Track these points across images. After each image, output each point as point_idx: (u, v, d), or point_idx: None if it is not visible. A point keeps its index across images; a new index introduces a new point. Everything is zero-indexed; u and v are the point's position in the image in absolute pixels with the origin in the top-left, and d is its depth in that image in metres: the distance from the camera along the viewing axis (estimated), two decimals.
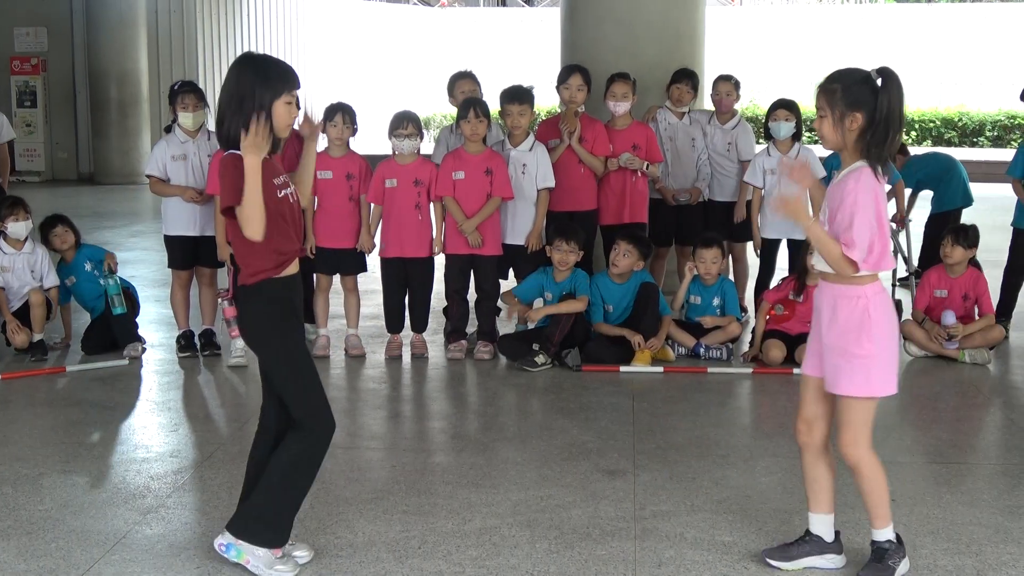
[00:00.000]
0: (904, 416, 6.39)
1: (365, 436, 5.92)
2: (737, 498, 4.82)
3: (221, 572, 4.08)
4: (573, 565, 4.14)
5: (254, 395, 6.52)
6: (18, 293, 7.37)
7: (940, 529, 4.50)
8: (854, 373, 3.84)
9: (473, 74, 7.81)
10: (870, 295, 3.84)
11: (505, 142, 7.43)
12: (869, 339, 3.81)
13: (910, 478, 5.15)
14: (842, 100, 3.78)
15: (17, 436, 5.76)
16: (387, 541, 4.35)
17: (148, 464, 5.31)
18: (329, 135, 7.21)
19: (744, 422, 6.32)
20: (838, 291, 3.88)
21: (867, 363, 3.82)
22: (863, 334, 3.81)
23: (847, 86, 3.79)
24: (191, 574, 4.07)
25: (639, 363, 6.98)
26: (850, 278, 3.82)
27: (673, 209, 8.22)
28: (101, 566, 4.13)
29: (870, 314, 3.82)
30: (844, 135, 3.81)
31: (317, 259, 7.32)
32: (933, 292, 7.41)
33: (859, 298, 3.83)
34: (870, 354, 3.81)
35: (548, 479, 5.06)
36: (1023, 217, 7.93)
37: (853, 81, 3.80)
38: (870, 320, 3.81)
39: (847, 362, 3.84)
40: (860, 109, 3.76)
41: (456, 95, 7.67)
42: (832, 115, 3.81)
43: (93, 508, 4.71)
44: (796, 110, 7.85)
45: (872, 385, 3.85)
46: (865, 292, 3.83)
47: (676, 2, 8.89)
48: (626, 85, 7.68)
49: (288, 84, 3.96)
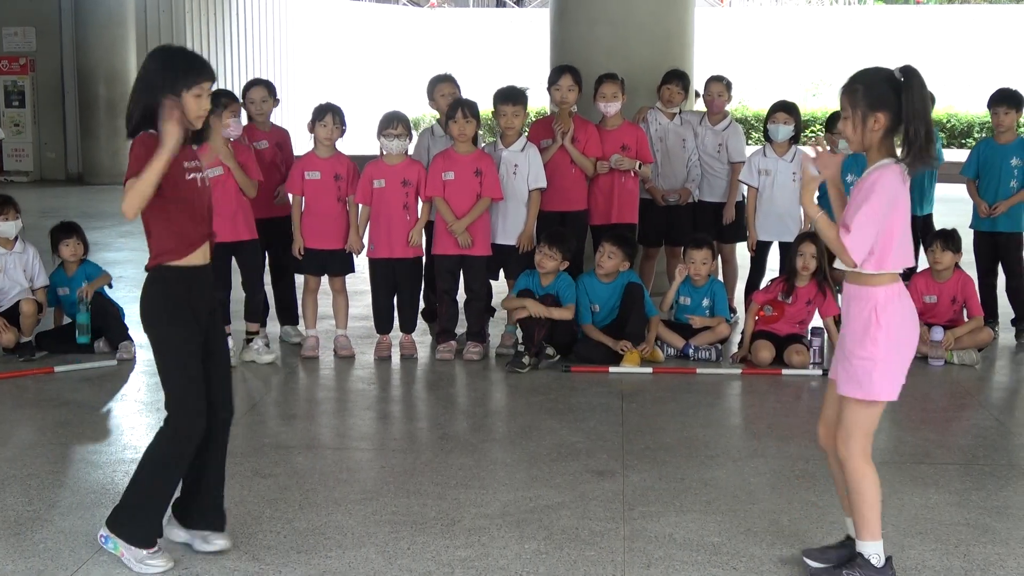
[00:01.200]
0: (892, 416, 6.40)
1: (354, 437, 5.92)
2: (726, 499, 4.83)
3: (210, 572, 4.07)
4: (562, 566, 4.14)
5: (242, 396, 6.52)
6: (8, 293, 7.35)
7: (928, 530, 4.52)
8: (855, 375, 3.82)
9: (452, 77, 7.78)
10: (880, 298, 3.78)
11: (497, 142, 7.44)
12: (873, 342, 3.77)
13: (898, 478, 5.16)
14: (864, 100, 3.73)
15: (5, 436, 5.74)
16: (376, 542, 4.35)
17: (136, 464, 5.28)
18: (318, 135, 7.21)
19: (733, 423, 6.33)
20: (851, 292, 3.86)
21: (868, 366, 3.79)
22: (867, 337, 3.78)
23: (869, 86, 3.74)
24: (177, 574, 4.07)
25: (628, 364, 6.99)
26: (863, 279, 3.78)
27: (663, 210, 8.23)
28: (89, 567, 4.12)
29: (877, 317, 3.77)
30: (867, 135, 3.75)
31: (305, 260, 7.31)
32: (923, 298, 7.43)
33: (868, 300, 3.79)
34: (872, 357, 3.78)
35: (537, 480, 5.06)
36: (978, 218, 8.04)
37: (875, 81, 3.75)
38: (876, 324, 3.77)
39: (850, 363, 3.82)
40: (882, 109, 3.71)
41: (436, 98, 7.66)
42: (854, 116, 3.76)
43: (81, 509, 4.69)
44: (795, 113, 7.86)
45: (872, 389, 3.80)
46: (875, 294, 3.78)
47: (666, 3, 8.91)
48: (615, 86, 7.69)
49: (198, 76, 3.98)
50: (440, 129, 7.67)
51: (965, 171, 8.21)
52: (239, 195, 7.00)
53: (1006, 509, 4.76)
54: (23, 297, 7.33)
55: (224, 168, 6.91)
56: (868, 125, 3.74)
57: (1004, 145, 7.96)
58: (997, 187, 7.92)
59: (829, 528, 4.51)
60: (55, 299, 7.60)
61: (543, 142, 7.60)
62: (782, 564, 4.18)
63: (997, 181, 7.92)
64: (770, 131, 7.80)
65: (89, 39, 18.27)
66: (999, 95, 8.09)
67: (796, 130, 7.82)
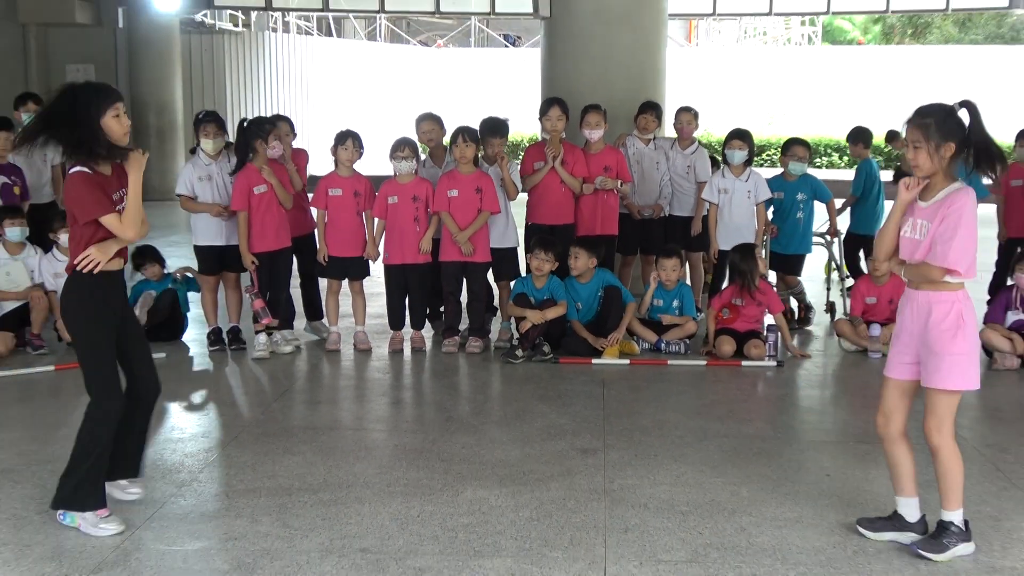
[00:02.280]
0: (837, 402, 6.43)
1: (371, 419, 5.92)
2: (693, 473, 4.83)
3: (246, 537, 4.07)
4: (551, 530, 4.15)
5: (274, 384, 6.52)
6: None
7: (868, 500, 4.53)
8: (951, 369, 3.83)
9: (433, 115, 7.75)
10: (963, 300, 3.85)
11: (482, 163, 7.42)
12: (964, 338, 3.83)
13: (842, 457, 5.17)
14: (936, 132, 3.79)
15: (70, 418, 5.73)
16: (390, 510, 4.35)
17: (182, 443, 5.29)
18: (339, 157, 7.21)
19: (700, 407, 6.32)
20: (930, 298, 3.86)
21: (963, 360, 3.83)
22: (959, 333, 3.82)
23: (940, 120, 3.80)
24: (219, 539, 4.07)
25: (608, 356, 7.00)
26: (945, 286, 3.81)
27: (639, 223, 8.23)
28: (142, 532, 4.13)
29: (963, 318, 3.83)
30: (939, 162, 3.82)
31: (328, 266, 7.33)
32: (865, 299, 7.45)
33: (953, 303, 3.83)
34: (964, 351, 3.83)
35: (530, 457, 5.07)
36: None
37: (944, 116, 3.81)
38: (963, 323, 3.83)
39: (942, 360, 3.83)
40: (952, 139, 3.79)
41: (419, 134, 7.69)
42: (928, 146, 3.81)
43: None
44: (749, 140, 7.86)
45: (966, 379, 3.85)
46: (958, 298, 3.84)
47: (642, 43, 8.91)
48: (598, 115, 7.69)
49: (110, 98, 4.04)
50: (430, 160, 7.72)
51: (854, 191, 8.32)
52: (279, 209, 7.04)
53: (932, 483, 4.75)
54: None
55: (268, 186, 6.95)
56: (941, 153, 3.80)
57: None
58: None
59: (782, 498, 4.52)
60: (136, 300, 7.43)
61: (536, 164, 7.61)
62: (742, 530, 4.19)
63: None
64: (727, 155, 7.80)
65: (141, 75, 18.23)
66: None
67: (750, 154, 7.83)
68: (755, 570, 3.82)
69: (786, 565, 3.87)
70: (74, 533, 4.10)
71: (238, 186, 6.98)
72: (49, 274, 7.26)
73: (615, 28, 8.67)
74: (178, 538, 4.07)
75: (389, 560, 3.88)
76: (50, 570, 3.79)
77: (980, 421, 5.84)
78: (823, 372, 7.03)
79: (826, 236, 8.63)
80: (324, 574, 3.76)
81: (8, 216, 7.31)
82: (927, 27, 35.25)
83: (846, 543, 4.06)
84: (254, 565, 3.83)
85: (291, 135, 7.67)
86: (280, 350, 7.23)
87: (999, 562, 3.92)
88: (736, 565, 3.86)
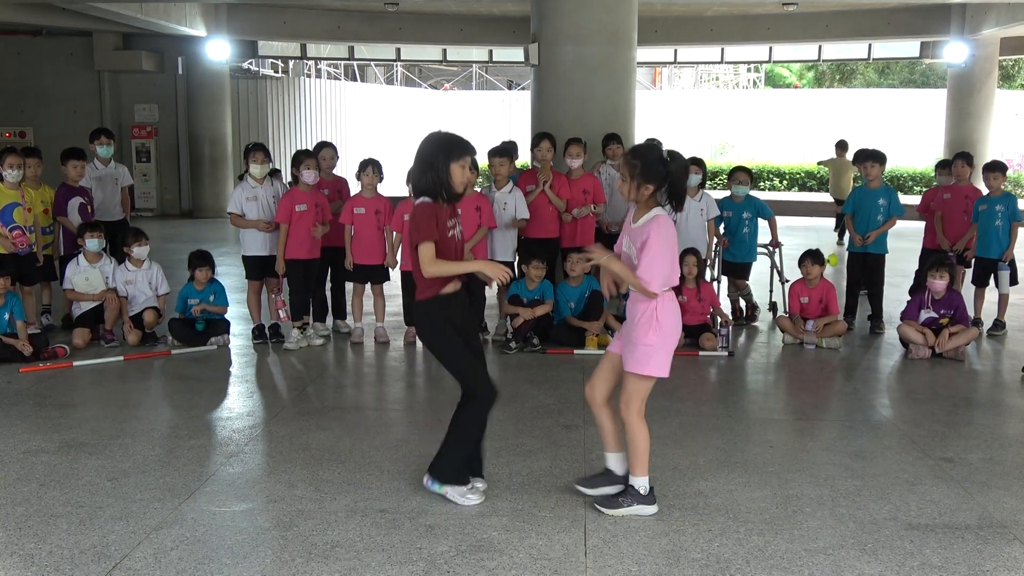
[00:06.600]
0: (777, 385, 6.42)
1: (390, 400, 5.89)
2: (657, 445, 4.80)
3: (284, 499, 4.04)
4: (540, 493, 4.13)
5: (308, 371, 6.48)
6: (137, 300, 7.27)
7: (804, 468, 4.51)
8: (640, 357, 3.79)
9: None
10: (660, 303, 3.77)
11: (491, 187, 7.42)
12: (656, 333, 3.76)
13: (783, 431, 5.16)
14: (640, 174, 3.74)
15: (136, 400, 5.71)
16: (406, 477, 4.32)
17: (231, 421, 5.26)
18: (363, 181, 7.19)
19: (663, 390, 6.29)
20: (638, 299, 3.82)
21: (650, 350, 3.77)
22: (651, 328, 3.76)
23: (646, 164, 3.75)
24: (262, 501, 4.04)
25: (589, 347, 6.98)
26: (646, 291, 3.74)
27: (608, 236, 8.20)
28: (197, 496, 4.09)
29: (657, 317, 3.76)
30: (638, 196, 3.78)
31: (354, 272, 7.32)
32: (799, 299, 7.43)
33: (651, 304, 3.77)
34: (653, 343, 3.76)
35: (522, 432, 5.04)
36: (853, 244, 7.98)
37: (651, 162, 3.75)
38: (657, 321, 3.76)
39: (636, 348, 3.79)
40: (652, 182, 3.74)
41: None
42: (631, 182, 3.77)
43: (192, 451, 4.67)
44: (703, 166, 7.86)
45: (653, 367, 3.79)
46: (658, 302, 3.77)
47: (615, 87, 8.87)
48: (579, 146, 7.66)
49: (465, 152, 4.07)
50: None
51: (845, 209, 8.18)
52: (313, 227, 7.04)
53: (861, 453, 4.76)
54: (149, 305, 7.23)
55: (307, 205, 6.97)
56: (640, 191, 3.76)
57: (873, 190, 7.92)
58: (868, 221, 7.86)
59: (732, 466, 4.50)
60: (183, 306, 7.26)
61: (528, 187, 7.59)
62: (700, 495, 4.17)
63: (867, 217, 7.86)
64: None
65: (197, 113, 18.19)
66: (864, 153, 8.07)
67: (703, 178, 7.82)
68: (710, 526, 3.81)
69: (736, 522, 3.85)
70: (139, 496, 4.07)
71: (283, 204, 7.00)
72: (121, 281, 7.24)
73: (592, 75, 8.66)
74: (227, 500, 4.04)
75: (404, 519, 3.85)
76: (119, 528, 3.76)
77: (898, 402, 5.84)
78: (767, 360, 7.02)
79: (769, 247, 8.63)
80: (349, 530, 3.74)
81: (89, 230, 7.28)
82: (852, 73, 35.28)
83: (787, 503, 4.04)
84: (291, 523, 3.81)
85: (335, 158, 7.68)
86: (313, 342, 7.20)
87: (915, 520, 3.91)
88: (695, 522, 3.84)
